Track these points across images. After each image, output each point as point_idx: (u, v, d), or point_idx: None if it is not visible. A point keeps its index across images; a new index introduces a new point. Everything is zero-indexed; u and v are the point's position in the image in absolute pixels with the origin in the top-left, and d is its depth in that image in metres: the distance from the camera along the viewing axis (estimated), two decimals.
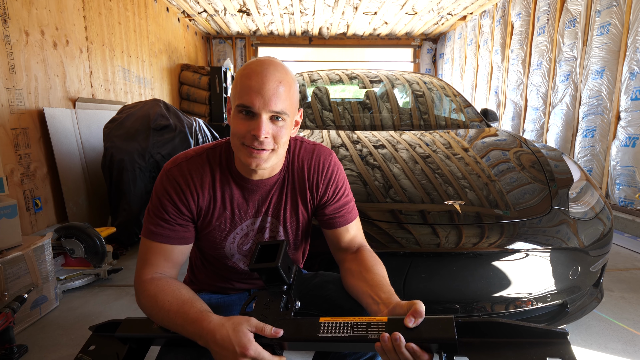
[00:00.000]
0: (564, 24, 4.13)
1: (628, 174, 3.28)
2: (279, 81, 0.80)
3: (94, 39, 3.61)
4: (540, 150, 1.90)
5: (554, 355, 0.59)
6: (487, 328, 0.65)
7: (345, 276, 0.94)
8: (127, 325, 0.85)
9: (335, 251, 1.01)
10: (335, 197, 0.98)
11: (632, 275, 2.26)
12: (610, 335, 1.63)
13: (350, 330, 0.70)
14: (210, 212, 0.92)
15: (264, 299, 0.80)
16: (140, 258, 0.90)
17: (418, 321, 0.67)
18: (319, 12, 6.28)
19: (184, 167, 0.90)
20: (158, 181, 0.90)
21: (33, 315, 1.76)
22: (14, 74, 2.56)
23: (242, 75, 0.82)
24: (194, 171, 0.90)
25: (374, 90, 2.79)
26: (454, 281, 1.33)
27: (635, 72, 3.23)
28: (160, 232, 0.88)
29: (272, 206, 0.96)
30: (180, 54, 6.37)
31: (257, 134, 0.79)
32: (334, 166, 0.98)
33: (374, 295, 0.81)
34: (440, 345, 0.65)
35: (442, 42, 7.97)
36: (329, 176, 0.97)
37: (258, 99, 0.78)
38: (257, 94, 0.78)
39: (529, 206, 1.50)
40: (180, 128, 2.89)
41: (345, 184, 1.01)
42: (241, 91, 0.80)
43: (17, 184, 2.56)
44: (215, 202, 0.91)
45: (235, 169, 0.92)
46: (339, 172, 0.99)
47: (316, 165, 0.96)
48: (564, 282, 1.41)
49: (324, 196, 0.97)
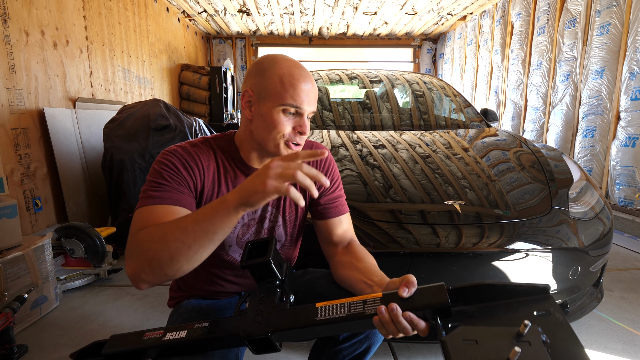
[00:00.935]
0: (564, 24, 4.13)
1: (628, 174, 3.28)
2: (314, 84, 0.92)
3: (94, 39, 3.61)
4: (540, 150, 1.90)
5: (540, 309, 0.63)
6: (475, 291, 0.68)
7: (336, 269, 0.95)
8: (115, 342, 0.80)
9: (327, 245, 1.02)
10: (330, 189, 1.02)
11: (632, 275, 2.27)
12: (610, 335, 1.63)
13: (348, 309, 0.71)
14: (211, 198, 0.92)
15: (257, 296, 0.80)
16: (135, 224, 0.78)
17: (412, 290, 0.69)
18: (319, 12, 6.28)
19: (189, 149, 0.90)
20: (158, 159, 0.87)
21: (33, 315, 1.76)
22: (14, 74, 2.56)
23: (289, 78, 0.87)
24: (200, 154, 0.91)
25: (374, 90, 2.79)
26: (454, 281, 1.32)
27: (635, 72, 3.23)
28: (161, 196, 0.80)
29: None
30: (180, 54, 6.37)
31: (304, 131, 0.89)
32: (331, 161, 1.06)
33: (366, 280, 0.84)
34: (435, 310, 0.67)
35: (442, 42, 7.97)
36: (326, 168, 1.04)
37: (307, 100, 0.88)
38: (307, 96, 0.88)
39: (529, 206, 1.50)
40: (180, 128, 2.89)
41: (340, 179, 1.07)
42: (289, 91, 0.86)
43: (17, 184, 2.56)
44: (220, 187, 0.92)
45: (240, 158, 0.95)
46: (335, 166, 1.07)
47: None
48: (564, 282, 1.41)
49: (319, 187, 1.00)
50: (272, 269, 0.78)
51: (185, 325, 0.78)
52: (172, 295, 1.08)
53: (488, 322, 0.65)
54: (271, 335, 0.72)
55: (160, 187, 0.82)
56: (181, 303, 1.02)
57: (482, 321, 0.65)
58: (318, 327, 0.71)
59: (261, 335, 0.72)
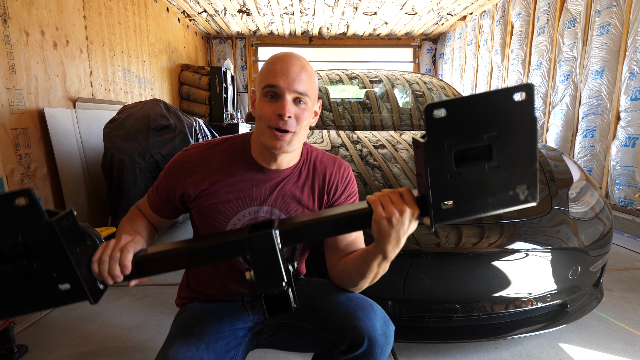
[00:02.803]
0: (564, 24, 4.13)
1: (628, 174, 3.28)
2: (302, 66, 0.88)
3: (94, 39, 3.61)
4: (540, 150, 1.90)
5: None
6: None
7: (334, 273, 0.96)
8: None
9: (332, 252, 0.98)
10: (346, 202, 1.02)
11: (632, 275, 2.27)
12: (610, 335, 1.63)
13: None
14: (214, 193, 0.93)
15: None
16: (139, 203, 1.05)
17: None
18: (319, 12, 6.28)
19: (203, 150, 0.98)
20: (172, 159, 1.00)
21: (33, 315, 1.76)
22: (14, 74, 2.56)
23: (267, 63, 0.90)
24: (213, 155, 0.97)
25: (374, 90, 2.79)
26: (454, 281, 1.33)
27: (635, 72, 3.23)
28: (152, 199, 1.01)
29: (280, 198, 0.96)
30: (180, 54, 6.37)
31: (282, 113, 0.85)
32: (352, 177, 1.06)
33: (364, 252, 0.86)
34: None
35: (442, 42, 7.97)
36: (347, 183, 1.03)
37: (283, 79, 0.85)
38: (282, 75, 0.86)
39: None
40: (181, 128, 2.89)
41: (357, 195, 1.06)
42: (267, 74, 0.88)
43: (17, 184, 2.56)
44: (224, 182, 0.94)
45: (251, 158, 0.96)
46: (354, 183, 1.06)
47: (337, 172, 1.03)
48: (563, 282, 1.41)
49: (338, 199, 1.01)
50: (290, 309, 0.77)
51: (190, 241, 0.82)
52: (180, 295, 1.09)
53: None
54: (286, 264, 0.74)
55: (154, 191, 1.01)
56: (186, 305, 1.03)
57: None
58: (324, 222, 0.74)
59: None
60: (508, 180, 0.62)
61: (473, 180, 0.62)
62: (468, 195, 0.63)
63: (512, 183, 0.63)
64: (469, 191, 0.63)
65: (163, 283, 2.18)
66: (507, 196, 0.63)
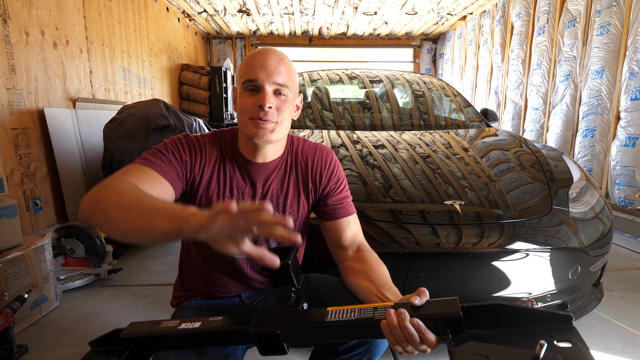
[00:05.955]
0: (564, 24, 4.13)
1: (628, 174, 3.28)
2: (280, 59, 0.89)
3: (94, 39, 3.61)
4: (540, 150, 1.90)
5: (561, 340, 0.57)
6: (490, 312, 0.65)
7: (347, 275, 0.95)
8: (133, 328, 0.83)
9: (336, 249, 1.01)
10: (337, 189, 1.02)
11: (632, 275, 2.27)
12: (610, 335, 1.63)
13: (358, 314, 0.71)
14: (208, 189, 0.94)
15: (272, 298, 0.82)
16: (121, 171, 0.81)
17: (423, 300, 0.69)
18: (319, 12, 6.28)
19: (199, 138, 0.96)
20: (170, 138, 0.94)
21: (33, 315, 1.76)
22: (14, 74, 2.56)
23: (246, 59, 0.91)
24: (207, 144, 0.95)
25: (374, 90, 2.79)
26: (454, 281, 1.33)
27: (635, 72, 3.23)
28: (153, 161, 0.85)
29: (271, 191, 0.97)
30: (180, 54, 6.37)
31: (262, 104, 0.85)
32: (336, 162, 1.05)
33: (380, 295, 0.83)
34: (445, 322, 0.65)
35: (442, 42, 7.97)
36: (332, 169, 1.02)
37: (262, 72, 0.86)
38: (261, 68, 0.86)
39: (529, 206, 1.50)
40: (180, 128, 2.88)
41: (345, 180, 1.06)
42: (246, 69, 0.88)
43: (17, 184, 2.56)
44: (218, 178, 0.94)
45: (238, 151, 0.96)
46: (340, 167, 1.05)
47: (319, 159, 1.02)
48: (564, 282, 1.41)
49: (326, 187, 1.01)
50: (289, 273, 0.79)
51: (200, 318, 0.80)
52: (175, 295, 1.09)
53: (502, 344, 0.62)
54: (280, 333, 0.72)
55: (157, 155, 0.88)
56: (183, 304, 1.02)
57: (496, 342, 0.62)
58: (327, 328, 0.71)
59: (270, 332, 0.72)
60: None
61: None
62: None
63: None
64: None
65: (163, 283, 2.18)
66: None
